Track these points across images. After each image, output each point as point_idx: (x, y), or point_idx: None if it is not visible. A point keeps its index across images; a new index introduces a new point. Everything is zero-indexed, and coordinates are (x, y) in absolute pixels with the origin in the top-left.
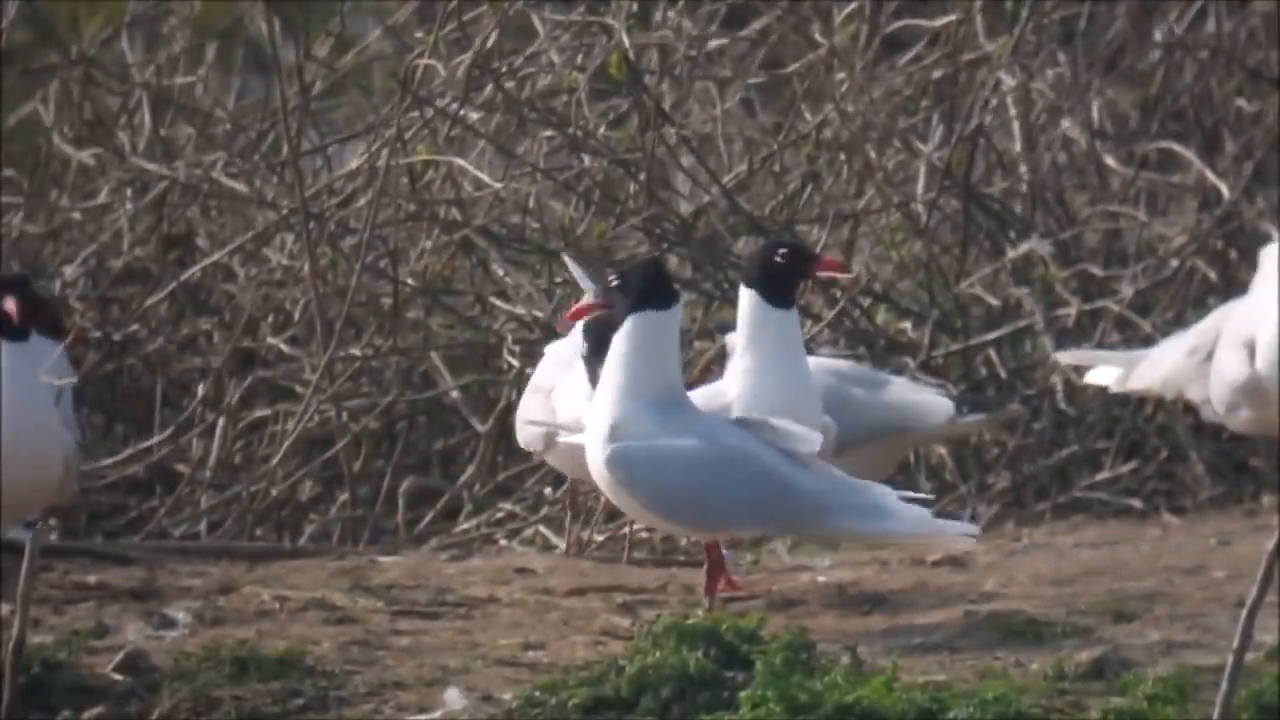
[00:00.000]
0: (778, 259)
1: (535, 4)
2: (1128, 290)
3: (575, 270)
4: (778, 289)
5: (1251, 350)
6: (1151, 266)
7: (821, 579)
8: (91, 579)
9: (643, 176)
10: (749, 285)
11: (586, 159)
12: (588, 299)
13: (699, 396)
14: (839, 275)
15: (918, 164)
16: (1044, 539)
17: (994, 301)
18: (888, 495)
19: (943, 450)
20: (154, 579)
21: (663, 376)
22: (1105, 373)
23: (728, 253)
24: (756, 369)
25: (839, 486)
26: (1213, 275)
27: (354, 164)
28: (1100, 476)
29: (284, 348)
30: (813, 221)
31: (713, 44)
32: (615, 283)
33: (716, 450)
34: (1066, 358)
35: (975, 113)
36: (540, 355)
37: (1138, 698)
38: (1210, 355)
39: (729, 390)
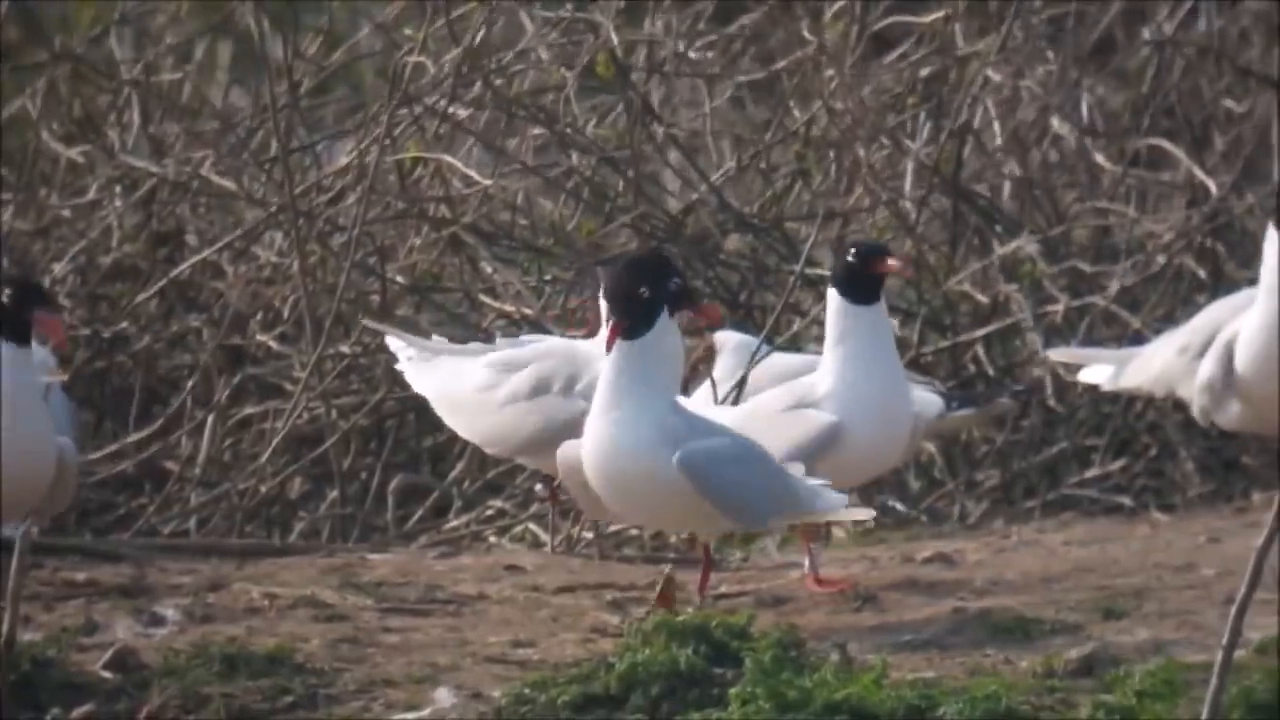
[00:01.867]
0: (850, 258)
1: (523, 1)
2: (1115, 286)
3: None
4: (856, 286)
5: (1231, 348)
6: (1140, 263)
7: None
8: (81, 576)
9: (631, 174)
10: (832, 285)
11: (575, 156)
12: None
13: (791, 391)
14: (901, 274)
15: (906, 161)
16: (1033, 536)
17: (983, 299)
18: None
19: (932, 447)
20: (143, 576)
21: (673, 382)
22: (1097, 371)
23: (717, 250)
24: (846, 364)
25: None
26: (1201, 272)
27: (343, 161)
28: (1090, 474)
29: (273, 345)
30: (802, 219)
31: (701, 41)
32: (646, 292)
33: (753, 445)
34: (1058, 355)
35: (963, 110)
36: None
37: (1127, 695)
38: (1201, 353)
39: (819, 386)
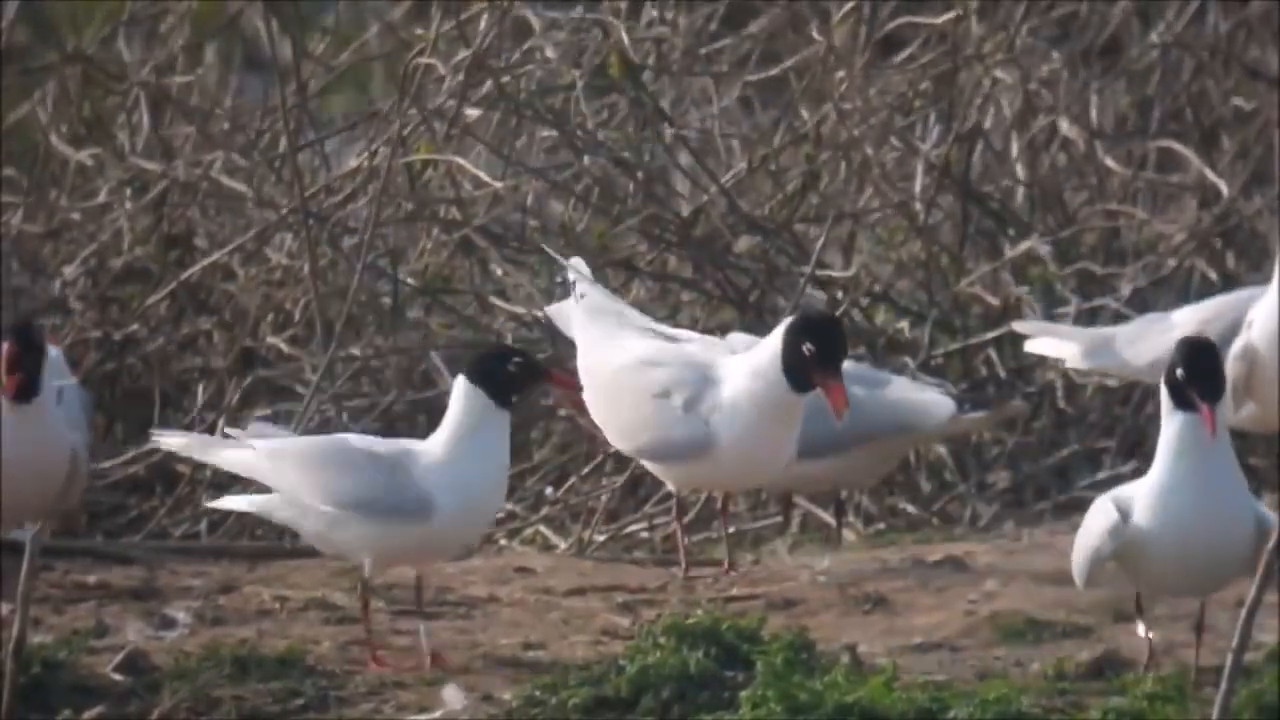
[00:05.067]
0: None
1: (532, 1)
2: (1126, 288)
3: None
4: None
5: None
6: (1151, 265)
7: (821, 579)
8: (92, 579)
9: (640, 175)
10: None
11: (585, 158)
12: None
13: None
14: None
15: (916, 162)
16: (1044, 538)
17: (993, 301)
18: None
19: (942, 449)
20: (154, 579)
21: None
22: (1056, 346)
23: (727, 252)
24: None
25: None
26: (1212, 274)
27: (353, 163)
28: (1101, 475)
29: (284, 347)
30: (811, 221)
31: (710, 47)
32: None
33: None
34: (1021, 327)
35: (973, 111)
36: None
37: (1137, 697)
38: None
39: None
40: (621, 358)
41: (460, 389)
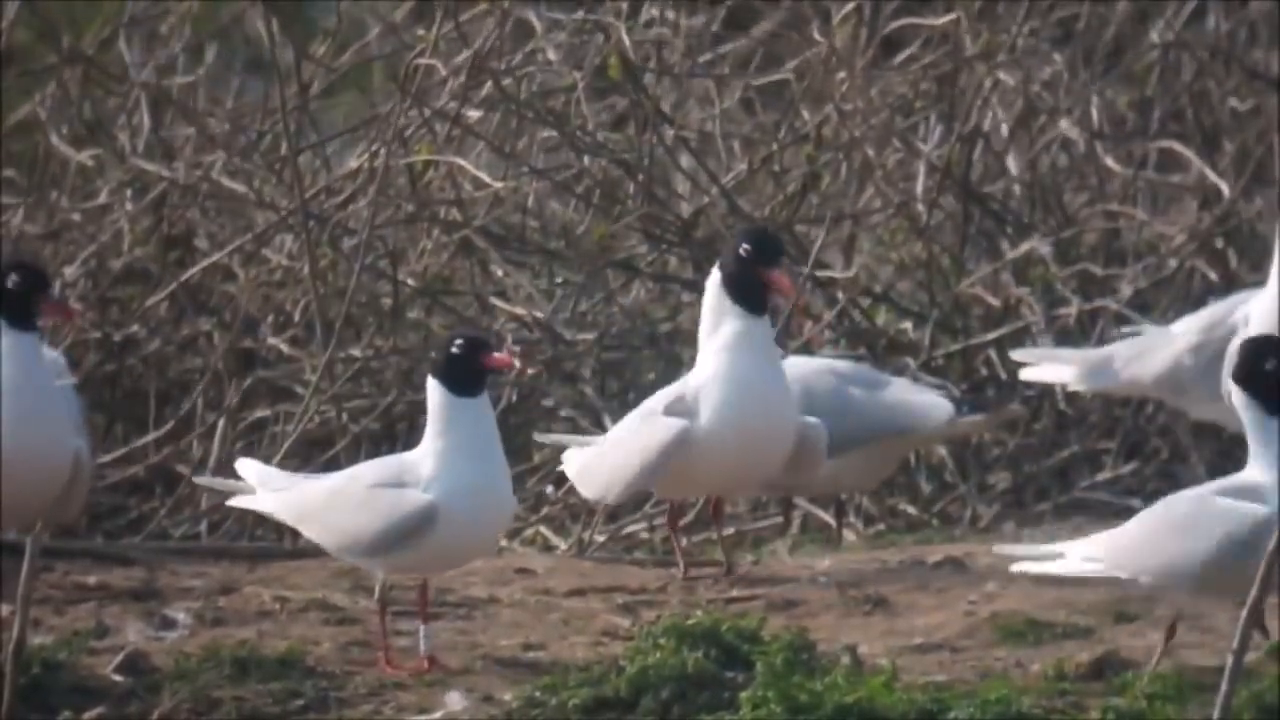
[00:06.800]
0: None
1: (533, 2)
2: (1127, 289)
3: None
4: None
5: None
6: (1151, 265)
7: (822, 579)
8: (92, 579)
9: (641, 177)
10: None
11: (585, 159)
12: None
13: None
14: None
15: (918, 164)
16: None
17: (994, 302)
18: None
19: (943, 450)
20: (154, 579)
21: None
22: (1054, 371)
23: None
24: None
25: None
26: (1213, 275)
27: (353, 164)
28: (1101, 477)
29: (284, 348)
30: (812, 222)
31: (713, 52)
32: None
33: None
34: (1019, 355)
35: (973, 112)
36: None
37: (1138, 698)
38: (1217, 353)
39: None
40: (618, 428)
41: (428, 388)
